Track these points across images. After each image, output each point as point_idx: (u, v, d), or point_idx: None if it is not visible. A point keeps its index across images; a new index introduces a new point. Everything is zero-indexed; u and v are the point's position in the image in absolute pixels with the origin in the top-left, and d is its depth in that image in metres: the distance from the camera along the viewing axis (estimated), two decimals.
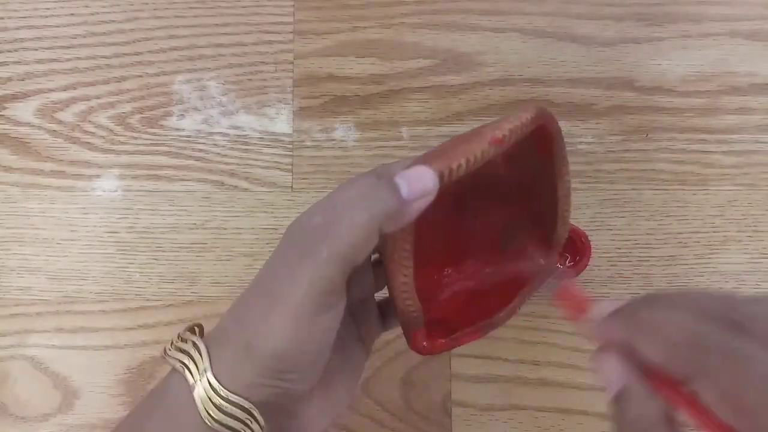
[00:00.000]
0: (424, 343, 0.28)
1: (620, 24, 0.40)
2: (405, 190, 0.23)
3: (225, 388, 0.24)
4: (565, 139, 0.39)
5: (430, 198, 0.23)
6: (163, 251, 0.39)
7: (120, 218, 0.39)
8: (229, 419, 0.24)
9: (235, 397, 0.24)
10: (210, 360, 0.25)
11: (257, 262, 0.39)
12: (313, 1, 0.40)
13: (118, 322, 0.39)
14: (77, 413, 0.38)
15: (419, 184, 0.23)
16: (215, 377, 0.24)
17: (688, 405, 0.19)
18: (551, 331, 0.38)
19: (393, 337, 0.37)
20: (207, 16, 0.40)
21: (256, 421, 0.24)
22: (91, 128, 0.40)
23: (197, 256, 0.39)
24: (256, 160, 0.40)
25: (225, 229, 0.39)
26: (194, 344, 0.25)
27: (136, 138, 0.40)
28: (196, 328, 0.28)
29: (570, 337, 0.38)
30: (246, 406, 0.24)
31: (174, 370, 0.25)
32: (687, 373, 0.18)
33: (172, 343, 0.27)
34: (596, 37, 0.40)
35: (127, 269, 0.39)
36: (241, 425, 0.24)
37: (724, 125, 0.40)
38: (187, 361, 0.25)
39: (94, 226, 0.39)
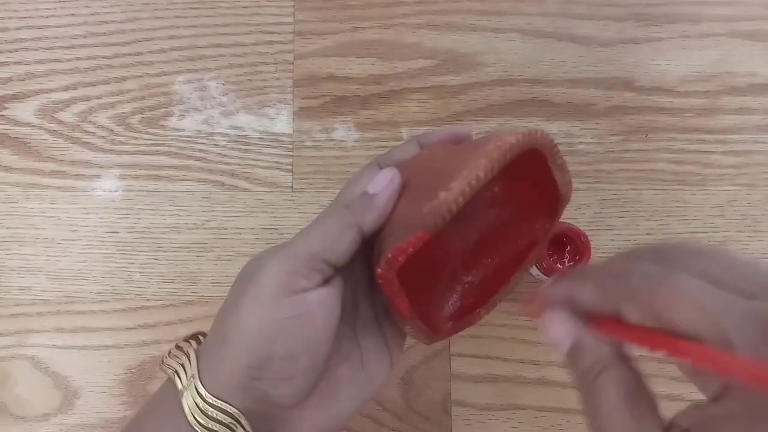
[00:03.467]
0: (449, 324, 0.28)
1: (620, 24, 0.40)
2: (370, 188, 0.26)
3: (210, 394, 0.24)
4: (565, 140, 0.40)
5: (394, 186, 0.26)
6: (164, 251, 0.39)
7: (120, 218, 0.39)
8: (214, 424, 0.24)
9: (220, 402, 0.24)
10: (198, 366, 0.25)
11: None
12: (314, 2, 0.40)
13: (119, 322, 0.39)
14: (77, 413, 0.38)
15: (382, 180, 0.26)
16: (201, 382, 0.25)
17: (623, 330, 0.20)
18: None
19: None
20: (207, 16, 0.40)
21: (242, 426, 0.24)
22: (91, 128, 0.40)
23: (197, 256, 0.39)
24: (257, 160, 0.40)
25: (225, 229, 0.39)
26: (186, 352, 0.26)
27: (136, 138, 0.40)
28: (199, 336, 0.28)
29: None
30: (230, 411, 0.24)
31: (169, 378, 0.26)
32: (615, 302, 0.20)
33: (170, 352, 0.27)
34: (596, 38, 0.40)
35: (127, 269, 0.39)
36: (227, 431, 0.24)
37: (724, 125, 0.40)
38: (178, 368, 0.26)
39: (95, 226, 0.39)
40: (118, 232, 0.39)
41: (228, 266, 0.39)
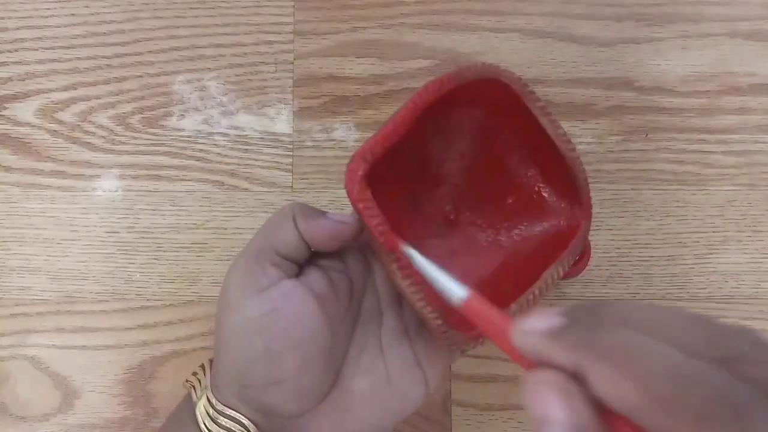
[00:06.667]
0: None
1: (620, 24, 0.40)
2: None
3: (220, 402, 0.25)
4: None
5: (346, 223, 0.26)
6: (164, 251, 0.39)
7: (120, 218, 0.39)
8: (223, 431, 0.25)
9: (229, 410, 0.25)
10: (211, 377, 0.27)
11: None
12: (314, 2, 0.40)
13: (119, 322, 0.39)
14: (77, 413, 0.38)
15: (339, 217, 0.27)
16: (212, 392, 0.26)
17: None
18: None
19: None
20: (207, 16, 0.40)
21: None
22: (91, 128, 0.40)
23: (198, 256, 0.39)
24: (257, 160, 0.40)
25: (225, 229, 0.39)
26: (203, 365, 0.28)
27: (136, 138, 0.40)
28: None
29: None
30: (238, 418, 0.25)
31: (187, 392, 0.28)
32: (674, 428, 0.13)
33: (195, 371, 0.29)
34: (596, 38, 0.40)
35: (127, 269, 0.39)
36: None
37: (724, 125, 0.40)
38: (194, 381, 0.27)
39: (95, 226, 0.39)
40: (118, 232, 0.39)
41: (228, 266, 0.39)
